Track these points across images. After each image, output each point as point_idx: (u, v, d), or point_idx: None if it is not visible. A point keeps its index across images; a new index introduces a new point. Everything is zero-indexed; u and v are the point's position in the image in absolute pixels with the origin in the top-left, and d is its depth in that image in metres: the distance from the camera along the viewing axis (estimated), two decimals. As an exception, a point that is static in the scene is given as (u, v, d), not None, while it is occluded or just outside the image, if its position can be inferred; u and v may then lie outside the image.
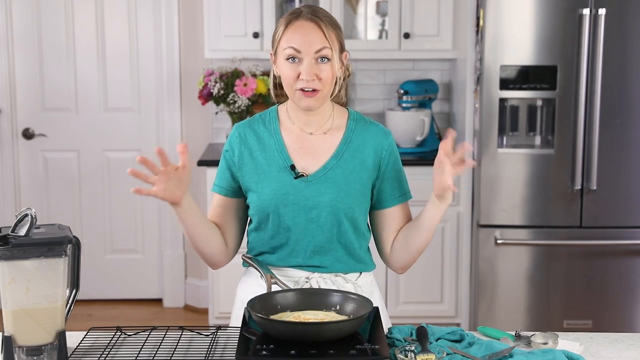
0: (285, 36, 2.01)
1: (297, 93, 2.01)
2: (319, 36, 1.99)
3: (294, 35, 1.99)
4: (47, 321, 1.76)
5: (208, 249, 2.09)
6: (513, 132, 3.96)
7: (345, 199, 2.05)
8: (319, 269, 2.07)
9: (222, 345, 1.86)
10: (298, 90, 2.01)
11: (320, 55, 1.99)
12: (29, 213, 1.74)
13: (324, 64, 2.00)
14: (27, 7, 4.58)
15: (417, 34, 4.29)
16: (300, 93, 2.01)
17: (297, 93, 2.01)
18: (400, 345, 1.86)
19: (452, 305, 4.24)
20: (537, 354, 1.81)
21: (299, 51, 1.99)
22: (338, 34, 2.04)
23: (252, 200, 2.08)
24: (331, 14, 2.09)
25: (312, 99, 2.01)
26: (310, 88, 1.99)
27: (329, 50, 2.00)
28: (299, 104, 2.03)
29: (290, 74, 2.00)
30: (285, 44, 2.00)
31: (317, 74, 1.99)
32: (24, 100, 4.67)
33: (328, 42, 2.00)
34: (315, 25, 2.00)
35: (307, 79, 1.98)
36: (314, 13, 2.02)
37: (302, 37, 1.99)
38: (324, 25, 2.00)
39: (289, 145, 2.09)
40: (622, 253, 3.95)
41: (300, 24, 2.00)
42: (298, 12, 2.03)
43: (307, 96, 2.00)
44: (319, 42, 1.99)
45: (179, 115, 4.67)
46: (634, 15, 3.81)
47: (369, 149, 2.10)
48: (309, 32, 1.99)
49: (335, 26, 2.04)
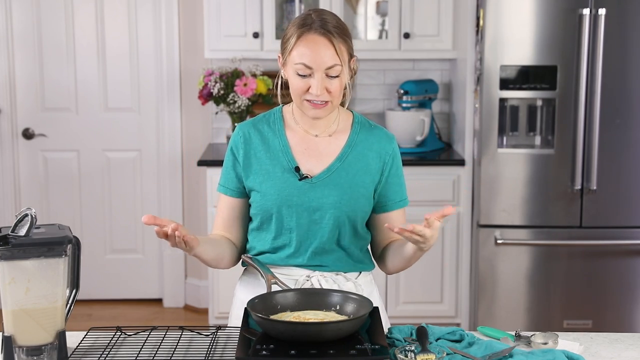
0: (296, 49, 2.00)
1: (305, 103, 2.02)
2: (330, 53, 1.99)
3: (305, 50, 1.98)
4: (47, 321, 1.76)
5: (223, 264, 2.14)
6: (513, 132, 3.96)
7: (348, 201, 2.06)
8: (320, 267, 2.08)
9: (222, 345, 1.86)
10: (306, 101, 2.02)
11: (331, 72, 2.00)
12: (29, 213, 1.74)
13: (334, 79, 2.00)
14: (27, 7, 4.58)
15: (417, 34, 4.29)
16: (309, 104, 2.02)
17: (305, 103, 2.02)
18: (400, 345, 1.86)
19: (452, 305, 4.24)
20: (537, 354, 1.81)
21: (310, 67, 1.98)
22: (348, 45, 2.04)
23: (255, 200, 2.09)
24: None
25: (320, 110, 2.02)
26: (320, 101, 2.00)
27: (340, 67, 2.00)
28: (307, 113, 2.04)
29: (300, 85, 2.01)
30: (297, 59, 1.99)
31: (327, 87, 2.00)
32: (24, 100, 4.67)
33: (339, 58, 2.00)
34: (327, 40, 1.99)
35: (317, 94, 1.99)
36: (324, 26, 2.00)
37: (314, 54, 1.98)
38: (335, 40, 1.99)
39: (294, 146, 2.10)
40: (622, 253, 3.95)
41: (312, 39, 1.99)
42: (309, 23, 2.01)
43: (317, 107, 2.01)
44: (330, 59, 1.99)
45: (179, 115, 4.67)
46: (634, 15, 3.81)
47: (372, 153, 2.11)
48: (321, 49, 1.98)
49: (346, 36, 2.04)
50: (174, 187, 4.73)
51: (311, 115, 2.03)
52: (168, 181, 4.72)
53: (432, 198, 4.12)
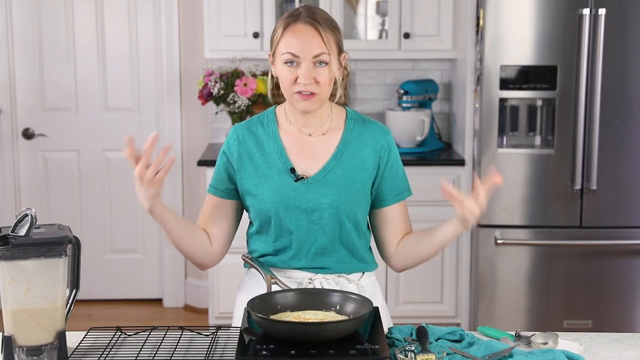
0: (283, 40, 2.00)
1: (295, 96, 2.01)
2: (317, 41, 1.98)
3: (292, 39, 1.99)
4: (47, 321, 1.76)
5: (195, 251, 2.10)
6: (513, 132, 3.96)
7: (346, 200, 2.05)
8: (322, 270, 2.07)
9: (222, 345, 1.86)
10: (296, 93, 2.01)
11: (318, 60, 1.99)
12: (29, 213, 1.74)
13: (322, 68, 2.00)
14: (27, 7, 4.58)
15: (417, 34, 4.29)
16: (298, 96, 2.00)
17: (294, 96, 2.01)
18: (400, 345, 1.86)
19: (452, 305, 4.24)
20: (537, 354, 1.81)
21: (297, 56, 1.98)
22: (336, 37, 2.03)
23: (253, 204, 2.08)
24: (331, 14, 2.09)
25: (309, 102, 2.01)
26: (308, 91, 1.99)
27: (327, 55, 1.99)
28: (296, 107, 2.03)
29: (288, 77, 2.00)
30: (284, 49, 1.99)
31: (315, 77, 1.99)
32: (24, 100, 4.67)
33: (326, 46, 1.99)
34: (314, 29, 1.99)
35: (304, 83, 1.98)
36: (312, 16, 2.01)
37: (300, 42, 1.98)
38: (322, 30, 1.99)
39: (288, 147, 2.09)
40: (622, 253, 3.95)
41: (299, 28, 1.99)
42: (296, 15, 2.02)
43: (305, 99, 2.00)
44: (317, 47, 1.98)
45: (179, 115, 4.67)
46: (634, 15, 3.81)
47: (368, 149, 2.09)
48: (307, 37, 1.98)
49: (334, 29, 2.03)
50: (174, 187, 4.73)
51: (301, 108, 2.02)
52: (168, 181, 4.72)
53: (432, 198, 4.11)
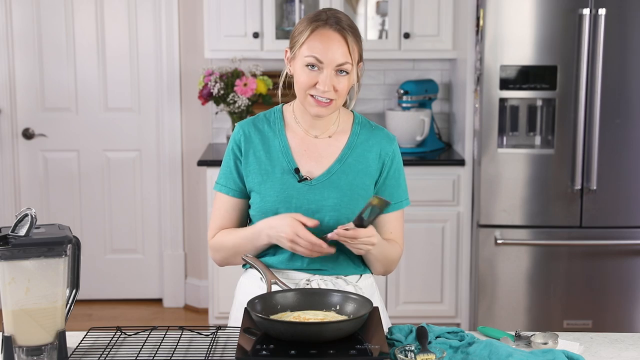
0: (308, 43, 1.98)
1: (309, 99, 2.00)
2: (343, 50, 1.98)
3: (318, 44, 1.97)
4: (47, 321, 1.76)
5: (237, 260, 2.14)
6: (513, 132, 3.96)
7: (348, 203, 2.05)
8: (320, 271, 2.07)
9: (222, 345, 1.86)
10: (310, 97, 2.00)
11: (340, 69, 1.98)
12: (29, 213, 1.74)
13: (342, 77, 1.99)
14: (27, 7, 4.58)
15: (417, 34, 4.29)
16: (313, 100, 2.00)
17: (309, 98, 2.01)
18: (400, 345, 1.86)
19: (452, 305, 4.24)
20: (537, 354, 1.81)
21: (321, 62, 1.97)
22: (360, 46, 2.03)
23: (255, 202, 2.07)
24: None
25: (324, 109, 2.01)
26: (325, 98, 1.99)
27: (350, 65, 1.99)
28: (309, 110, 2.03)
29: (307, 80, 1.99)
30: (308, 52, 1.98)
31: (334, 85, 1.98)
32: (24, 100, 4.67)
33: (350, 56, 1.99)
34: (341, 37, 1.98)
35: (324, 90, 1.97)
36: (339, 22, 1.99)
37: (326, 48, 1.97)
38: (349, 38, 1.99)
39: (294, 147, 2.08)
40: (622, 253, 3.95)
41: (327, 33, 1.98)
42: (324, 19, 2.00)
43: (321, 105, 2.00)
44: (342, 56, 1.98)
45: (179, 115, 4.67)
46: (634, 15, 3.81)
47: (373, 155, 2.09)
48: (334, 45, 1.97)
49: (359, 38, 2.03)
50: (174, 187, 4.72)
51: (313, 112, 2.02)
52: (168, 181, 4.72)
53: (432, 198, 4.12)
